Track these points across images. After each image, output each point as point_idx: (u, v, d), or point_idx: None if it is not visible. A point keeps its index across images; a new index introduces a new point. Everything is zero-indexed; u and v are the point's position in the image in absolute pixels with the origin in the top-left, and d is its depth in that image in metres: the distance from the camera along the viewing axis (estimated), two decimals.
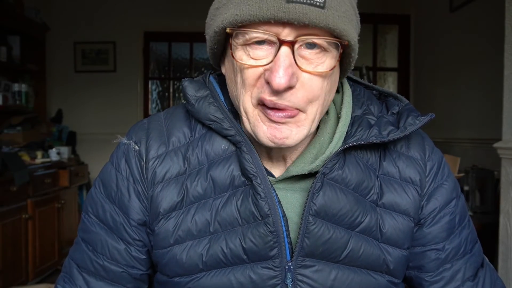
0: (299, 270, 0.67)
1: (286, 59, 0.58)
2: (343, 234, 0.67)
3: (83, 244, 0.74)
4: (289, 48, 0.58)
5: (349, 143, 0.67)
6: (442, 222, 0.73)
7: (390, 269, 0.70)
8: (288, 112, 0.61)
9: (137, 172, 0.71)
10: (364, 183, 0.69)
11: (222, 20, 0.61)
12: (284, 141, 0.63)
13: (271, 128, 0.62)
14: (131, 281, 0.73)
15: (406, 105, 0.75)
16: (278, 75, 0.57)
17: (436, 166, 0.74)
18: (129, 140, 0.73)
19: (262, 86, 0.61)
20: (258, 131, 0.64)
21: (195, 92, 0.71)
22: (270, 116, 0.62)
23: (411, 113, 0.72)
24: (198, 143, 0.71)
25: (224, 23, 0.60)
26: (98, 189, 0.75)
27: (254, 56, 0.61)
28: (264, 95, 0.61)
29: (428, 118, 0.70)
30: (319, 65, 0.61)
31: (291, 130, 0.63)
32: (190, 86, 0.72)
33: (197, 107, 0.70)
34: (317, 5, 0.56)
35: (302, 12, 0.56)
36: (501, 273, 1.83)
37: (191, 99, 0.71)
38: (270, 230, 0.65)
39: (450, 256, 0.73)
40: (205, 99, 0.70)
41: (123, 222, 0.71)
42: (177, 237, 0.68)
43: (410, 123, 0.70)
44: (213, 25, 0.64)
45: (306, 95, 0.61)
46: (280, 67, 0.58)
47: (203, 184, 0.69)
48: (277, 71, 0.58)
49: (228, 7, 0.60)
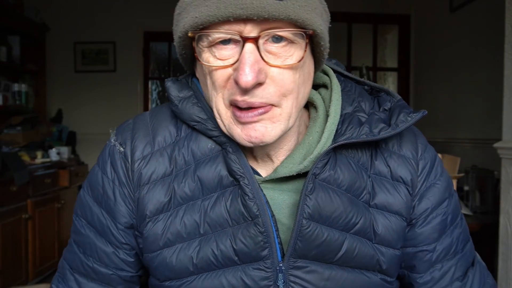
0: (291, 271, 0.66)
1: (251, 56, 0.57)
2: (338, 236, 0.66)
3: (74, 245, 0.74)
4: (253, 44, 0.57)
5: (338, 142, 0.66)
6: (434, 223, 0.72)
7: (383, 268, 0.69)
8: (261, 109, 0.60)
9: (123, 175, 0.70)
10: (356, 184, 0.68)
11: (184, 25, 0.60)
12: (261, 139, 0.61)
13: (244, 129, 0.61)
14: (121, 282, 0.73)
15: (398, 101, 0.73)
16: (244, 73, 0.56)
17: (428, 165, 0.73)
18: (115, 141, 0.72)
19: (232, 87, 0.60)
20: (234, 133, 0.63)
21: (178, 93, 0.70)
22: (240, 119, 0.61)
23: (403, 109, 0.70)
24: (184, 143, 0.70)
25: (185, 27, 0.60)
26: (86, 192, 0.74)
27: (220, 57, 0.60)
28: (236, 97, 0.60)
29: (420, 115, 0.69)
30: (287, 58, 0.60)
31: (266, 127, 0.61)
32: (173, 87, 0.71)
33: (180, 107, 0.69)
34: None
35: (260, 6, 0.55)
36: (501, 273, 1.83)
37: (174, 99, 0.70)
38: (260, 230, 0.64)
39: (441, 257, 0.73)
40: (188, 100, 0.69)
41: (110, 225, 0.71)
42: (166, 240, 0.67)
43: (402, 120, 0.68)
44: (177, 31, 0.63)
45: (279, 89, 0.60)
46: (245, 65, 0.57)
47: (190, 185, 0.68)
48: (243, 69, 0.57)
49: (188, 11, 0.59)
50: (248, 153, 0.70)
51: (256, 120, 0.61)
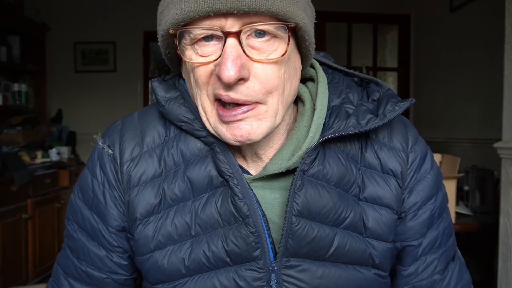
0: (284, 270, 0.65)
1: (233, 50, 0.56)
2: (328, 232, 0.66)
3: (67, 250, 0.74)
4: (235, 39, 0.57)
5: (325, 136, 0.65)
6: (423, 218, 0.72)
7: (376, 263, 0.69)
8: (245, 107, 0.59)
9: (112, 177, 0.69)
10: (345, 178, 0.67)
11: (165, 22, 0.59)
12: (247, 137, 0.60)
13: (229, 127, 0.61)
14: (116, 286, 0.72)
15: (387, 91, 0.72)
16: (226, 68, 0.56)
17: (419, 158, 0.72)
18: (103, 143, 0.72)
19: (215, 83, 0.59)
20: (219, 132, 0.62)
21: (164, 93, 0.70)
22: (224, 118, 0.60)
23: (390, 99, 0.69)
24: (173, 143, 0.69)
25: (167, 25, 0.59)
26: (77, 195, 0.73)
27: (203, 53, 0.59)
28: (220, 91, 0.59)
29: (408, 104, 0.67)
30: (271, 53, 0.59)
31: (251, 125, 0.60)
32: (159, 87, 0.70)
33: (167, 108, 0.68)
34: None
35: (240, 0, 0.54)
36: (501, 273, 1.83)
37: (161, 100, 0.69)
38: (251, 230, 0.64)
39: (426, 250, 0.73)
40: (175, 100, 0.69)
41: (101, 229, 0.70)
42: (158, 242, 0.67)
43: (390, 110, 0.67)
44: (160, 30, 0.62)
45: (264, 86, 0.59)
46: (227, 59, 0.56)
47: (180, 186, 0.67)
48: (225, 64, 0.56)
49: (169, 9, 0.59)
50: (237, 152, 0.69)
51: (240, 119, 0.60)
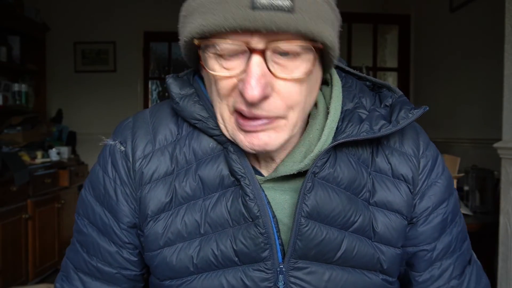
0: (292, 272, 0.65)
1: (258, 69, 0.55)
2: (337, 235, 0.66)
3: (77, 245, 0.74)
4: (260, 56, 0.55)
5: (338, 140, 0.65)
6: (435, 222, 0.72)
7: (384, 268, 0.69)
8: (266, 120, 0.59)
9: (124, 174, 0.70)
10: (356, 182, 0.67)
11: (190, 31, 0.58)
12: (264, 147, 0.61)
13: (248, 136, 0.61)
14: (126, 281, 0.73)
15: (400, 97, 0.71)
16: (250, 87, 0.55)
17: (430, 163, 0.72)
18: (115, 140, 0.72)
19: (237, 96, 0.59)
20: (237, 139, 0.62)
21: (179, 90, 0.69)
22: (244, 127, 0.60)
23: (404, 106, 0.69)
24: (185, 141, 0.69)
25: (191, 33, 0.58)
26: (88, 191, 0.74)
27: (227, 66, 0.58)
28: (241, 106, 0.58)
29: (421, 111, 0.67)
30: (295, 71, 0.58)
31: (270, 136, 0.60)
32: (174, 84, 0.70)
33: (181, 105, 0.68)
34: (285, 10, 0.53)
35: (268, 19, 0.52)
36: (501, 273, 1.83)
37: (175, 97, 0.69)
38: (260, 231, 0.64)
39: (440, 255, 0.72)
40: (190, 98, 0.68)
41: (112, 225, 0.70)
42: (167, 240, 0.67)
43: (403, 117, 0.67)
44: (182, 34, 0.61)
45: (285, 102, 0.59)
46: (252, 78, 0.55)
47: (191, 185, 0.67)
48: (249, 82, 0.55)
49: (194, 16, 0.57)
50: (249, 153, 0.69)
51: (259, 130, 0.60)
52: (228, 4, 0.53)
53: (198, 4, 0.57)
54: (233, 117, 0.61)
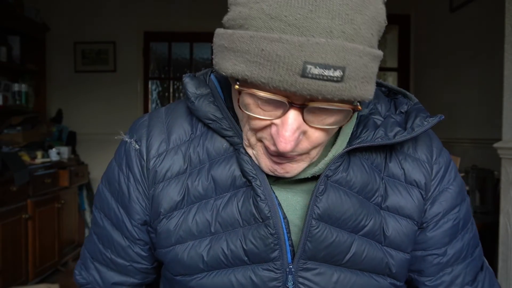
0: (301, 273, 0.66)
1: (295, 123, 0.55)
2: (346, 238, 0.66)
3: (94, 236, 0.77)
4: (298, 111, 0.55)
5: (353, 145, 0.65)
6: (445, 228, 0.72)
7: (393, 272, 0.69)
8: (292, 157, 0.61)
9: (138, 172, 0.71)
10: (368, 186, 0.68)
11: (232, 72, 0.55)
12: (284, 175, 0.63)
13: (272, 163, 0.63)
14: (138, 273, 0.76)
15: (415, 104, 0.72)
16: (284, 140, 0.56)
17: (443, 169, 0.72)
18: (130, 138, 0.73)
19: (268, 134, 0.59)
20: (260, 162, 0.64)
21: (195, 90, 0.70)
22: (273, 158, 0.62)
23: (419, 113, 0.69)
24: (199, 141, 0.70)
25: (233, 75, 0.55)
26: (104, 185, 0.76)
27: (263, 107, 0.57)
28: (269, 145, 0.59)
29: (437, 120, 0.68)
30: (327, 118, 0.57)
31: (291, 166, 0.63)
32: (190, 83, 0.70)
33: (197, 104, 0.68)
34: (334, 80, 0.51)
35: (316, 89, 0.51)
36: (501, 273, 1.83)
37: (191, 96, 0.69)
38: (270, 232, 0.65)
39: (451, 261, 0.72)
40: (205, 98, 0.69)
41: (125, 221, 0.72)
42: (179, 237, 0.68)
43: (418, 125, 0.67)
44: (221, 65, 0.57)
45: (312, 144, 0.60)
46: (286, 131, 0.55)
47: (204, 184, 0.68)
48: (283, 136, 0.56)
49: (238, 58, 0.54)
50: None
51: (284, 162, 0.62)
52: (278, 65, 0.51)
53: (243, 48, 0.53)
54: (260, 143, 0.62)
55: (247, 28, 0.53)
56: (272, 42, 0.50)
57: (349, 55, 0.51)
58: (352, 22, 0.51)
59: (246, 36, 0.53)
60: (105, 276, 0.76)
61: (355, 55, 0.51)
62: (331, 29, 0.50)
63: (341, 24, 0.50)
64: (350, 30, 0.51)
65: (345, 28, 0.50)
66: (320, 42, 0.49)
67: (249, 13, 0.53)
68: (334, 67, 0.50)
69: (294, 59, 0.50)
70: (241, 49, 0.53)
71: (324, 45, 0.50)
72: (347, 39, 0.51)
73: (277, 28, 0.51)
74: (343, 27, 0.50)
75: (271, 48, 0.50)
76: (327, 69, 0.50)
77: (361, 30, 0.52)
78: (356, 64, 0.52)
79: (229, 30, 0.56)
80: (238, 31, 0.54)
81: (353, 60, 0.51)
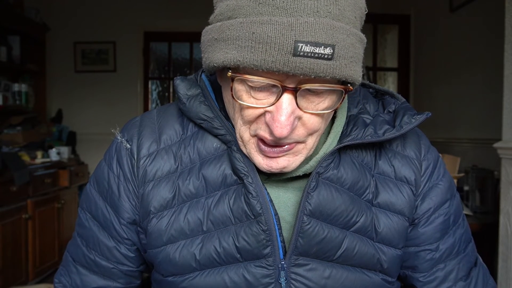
0: (293, 268, 0.67)
1: (289, 107, 0.56)
2: (338, 234, 0.67)
3: (78, 238, 0.76)
4: (292, 94, 0.57)
5: (343, 143, 0.67)
6: (436, 223, 0.73)
7: (384, 268, 0.70)
8: (286, 146, 0.61)
9: (128, 171, 0.71)
10: (359, 183, 0.69)
11: (223, 61, 0.57)
12: (281, 170, 0.63)
13: (267, 160, 0.63)
14: (122, 276, 0.75)
15: (403, 104, 0.74)
16: (280, 125, 0.56)
17: (431, 165, 0.74)
18: (122, 138, 0.74)
19: (262, 124, 0.60)
20: (255, 160, 0.64)
21: (186, 91, 0.71)
22: (266, 153, 0.62)
23: (407, 111, 0.71)
24: (190, 141, 0.71)
25: (225, 63, 0.57)
26: (92, 186, 0.76)
27: (255, 96, 0.59)
28: (265, 134, 0.60)
29: (424, 117, 0.70)
30: (321, 105, 0.59)
31: (288, 160, 0.63)
32: (181, 85, 0.72)
33: (188, 105, 0.70)
34: (325, 58, 0.53)
35: (308, 67, 0.53)
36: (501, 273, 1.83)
37: (183, 97, 0.70)
38: (262, 228, 0.65)
39: (444, 256, 0.73)
40: (196, 98, 0.70)
41: (113, 220, 0.72)
42: (170, 236, 0.68)
43: (406, 122, 0.69)
44: (212, 57, 0.59)
45: (307, 130, 0.61)
46: (282, 116, 0.56)
47: (195, 183, 0.69)
48: (278, 120, 0.56)
49: (229, 46, 0.56)
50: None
51: (280, 156, 0.62)
52: (270, 46, 0.52)
53: (233, 35, 0.55)
54: (253, 139, 0.63)
55: (236, 17, 0.55)
56: (263, 25, 0.53)
57: (337, 33, 0.53)
58: (337, 3, 0.54)
59: (235, 24, 0.55)
60: (86, 280, 0.74)
61: (343, 34, 0.54)
62: (318, 9, 0.53)
63: (327, 5, 0.53)
64: (336, 10, 0.53)
65: (331, 8, 0.53)
66: (309, 21, 0.52)
67: (236, 4, 0.55)
68: (325, 44, 0.53)
69: (285, 38, 0.52)
70: (232, 36, 0.55)
71: (313, 24, 0.52)
72: (334, 19, 0.53)
73: (266, 12, 0.53)
74: (329, 7, 0.53)
75: (262, 30, 0.53)
76: (318, 47, 0.52)
77: (345, 11, 0.55)
78: (345, 43, 0.54)
79: (218, 23, 0.58)
80: (227, 21, 0.56)
81: (341, 39, 0.54)
